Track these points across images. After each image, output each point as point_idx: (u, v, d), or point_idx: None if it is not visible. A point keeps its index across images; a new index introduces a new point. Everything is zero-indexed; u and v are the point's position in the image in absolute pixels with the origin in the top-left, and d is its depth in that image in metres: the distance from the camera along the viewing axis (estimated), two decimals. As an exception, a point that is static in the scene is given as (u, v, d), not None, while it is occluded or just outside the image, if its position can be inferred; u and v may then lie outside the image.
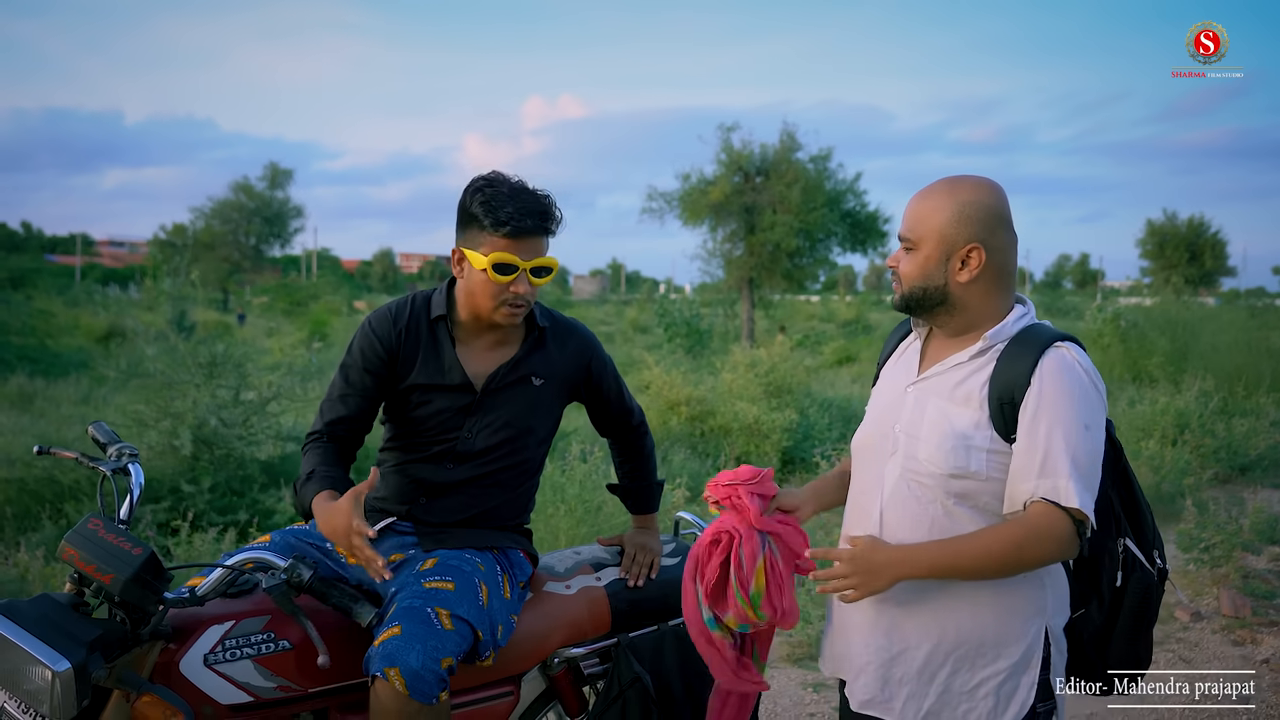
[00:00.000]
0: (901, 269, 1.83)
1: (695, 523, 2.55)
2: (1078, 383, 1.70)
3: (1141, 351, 10.97)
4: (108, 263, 60.18)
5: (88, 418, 8.32)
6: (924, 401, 1.81)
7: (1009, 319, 1.79)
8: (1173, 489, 6.43)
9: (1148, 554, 1.85)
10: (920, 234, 1.79)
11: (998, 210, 1.78)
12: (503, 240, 2.04)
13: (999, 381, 1.73)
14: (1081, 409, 1.68)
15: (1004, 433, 1.71)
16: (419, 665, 1.84)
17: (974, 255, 1.76)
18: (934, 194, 1.81)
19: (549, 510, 4.64)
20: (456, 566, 2.06)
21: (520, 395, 2.19)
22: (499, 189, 2.06)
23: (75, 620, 1.73)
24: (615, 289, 70.53)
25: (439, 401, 2.15)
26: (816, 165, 21.01)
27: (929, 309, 1.82)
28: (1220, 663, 4.07)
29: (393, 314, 2.18)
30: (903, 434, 1.81)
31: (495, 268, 2.04)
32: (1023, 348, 1.74)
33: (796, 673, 3.93)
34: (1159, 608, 1.88)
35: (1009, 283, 1.81)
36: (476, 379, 2.16)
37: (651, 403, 8.26)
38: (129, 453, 2.08)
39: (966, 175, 1.83)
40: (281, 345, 18.07)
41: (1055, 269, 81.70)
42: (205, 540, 4.57)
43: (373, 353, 2.14)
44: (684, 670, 2.25)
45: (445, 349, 2.15)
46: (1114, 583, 1.82)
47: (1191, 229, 36.97)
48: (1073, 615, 1.84)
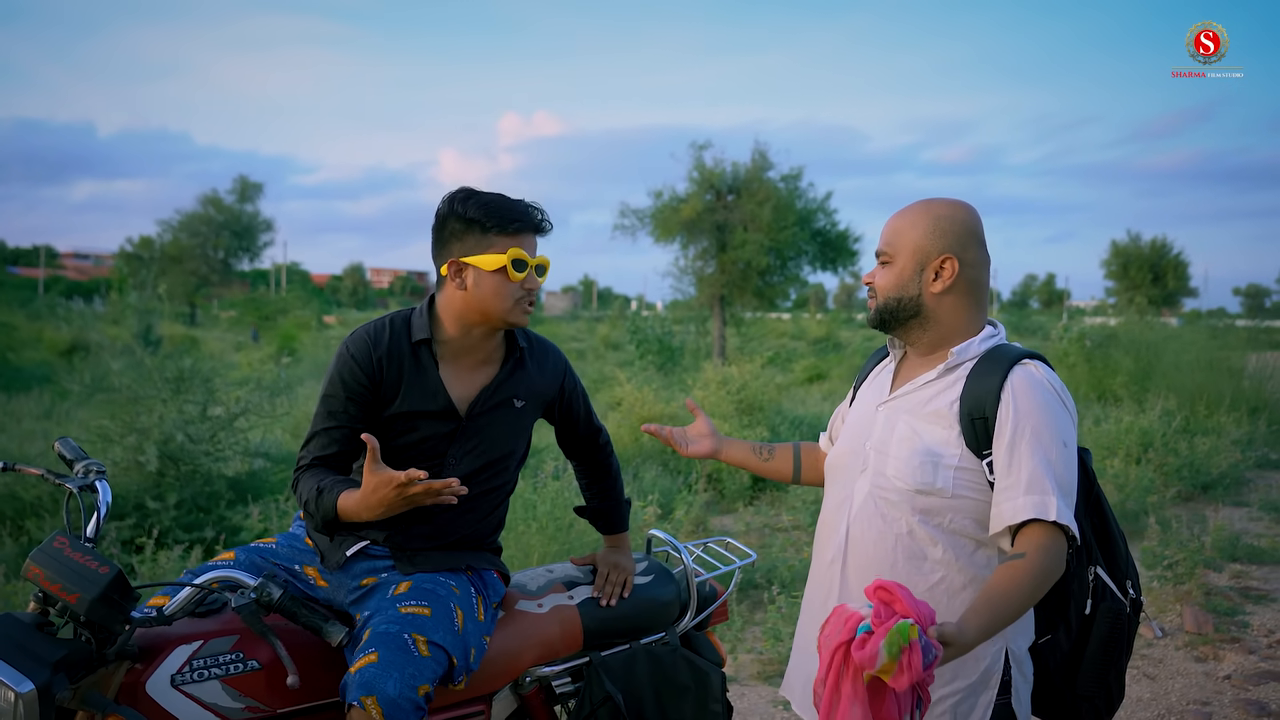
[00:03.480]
0: (877, 282, 1.89)
1: (668, 540, 2.56)
2: (1050, 400, 1.73)
3: (1106, 371, 11.12)
4: (72, 275, 59.36)
5: (50, 433, 8.20)
6: (894, 419, 1.84)
7: (977, 338, 1.83)
8: (1137, 507, 6.51)
9: (1120, 584, 1.87)
10: (897, 246, 1.85)
11: (971, 226, 1.84)
12: (514, 238, 2.05)
13: (969, 398, 1.75)
14: (1057, 426, 1.72)
15: (975, 448, 1.74)
16: (396, 694, 1.82)
17: (947, 265, 1.81)
18: (910, 210, 1.87)
19: (520, 528, 4.62)
20: (432, 591, 2.04)
21: (503, 419, 2.17)
22: (488, 195, 2.08)
23: (39, 640, 1.70)
24: (587, 305, 70.54)
25: (424, 429, 2.10)
26: (788, 184, 21.17)
27: (903, 321, 1.86)
28: (1184, 679, 4.12)
29: (371, 338, 2.09)
30: (873, 451, 1.84)
31: (515, 264, 2.04)
32: (991, 365, 1.77)
33: (766, 690, 3.93)
34: (1132, 640, 1.89)
35: (981, 299, 1.86)
36: (461, 404, 2.12)
37: (623, 420, 8.26)
38: (96, 469, 2.06)
39: (944, 196, 1.90)
40: (250, 360, 17.88)
41: (1022, 288, 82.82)
42: (170, 558, 4.51)
43: (354, 380, 2.07)
44: (656, 688, 2.25)
45: (430, 373, 2.10)
46: (1083, 610, 1.84)
47: (1155, 250, 37.65)
48: (1039, 641, 1.86)
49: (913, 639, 1.51)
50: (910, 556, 1.78)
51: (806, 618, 2.00)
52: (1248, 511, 7.07)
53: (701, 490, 6.83)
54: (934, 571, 1.77)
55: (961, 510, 1.75)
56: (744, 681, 4.01)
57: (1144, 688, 4.04)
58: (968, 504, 1.75)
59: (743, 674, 4.09)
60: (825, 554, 1.92)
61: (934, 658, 1.52)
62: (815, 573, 1.97)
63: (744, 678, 4.06)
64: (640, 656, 2.27)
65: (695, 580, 2.44)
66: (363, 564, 2.14)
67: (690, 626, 2.42)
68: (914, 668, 1.51)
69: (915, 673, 1.51)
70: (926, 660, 1.52)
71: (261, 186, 40.11)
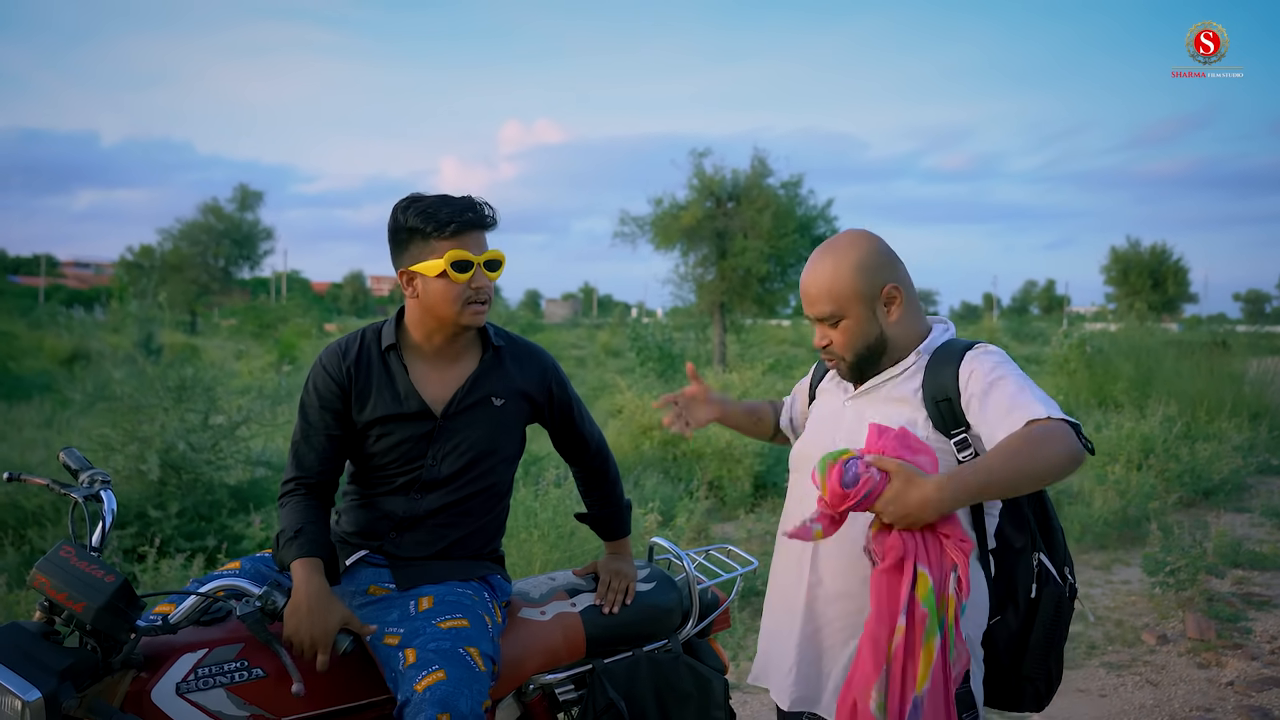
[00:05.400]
0: (836, 343, 1.94)
1: (670, 548, 2.56)
2: (1004, 360, 1.85)
3: (1107, 377, 11.13)
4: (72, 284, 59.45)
5: (51, 441, 8.19)
6: (863, 411, 1.93)
7: (935, 334, 1.95)
8: (1138, 513, 6.52)
9: (1059, 570, 1.96)
10: (841, 303, 1.90)
11: (883, 249, 1.93)
12: (451, 240, 2.04)
13: (930, 384, 1.87)
14: (1018, 373, 1.82)
15: (943, 428, 1.83)
16: (468, 710, 1.84)
17: (895, 294, 1.90)
18: (826, 264, 1.92)
19: (522, 535, 4.62)
20: (457, 601, 2.05)
21: (482, 417, 2.17)
22: (428, 199, 2.07)
23: (45, 649, 1.71)
24: (587, 313, 70.56)
25: (399, 432, 2.12)
26: (788, 191, 21.20)
27: (875, 360, 1.94)
28: (1186, 685, 4.12)
29: (342, 349, 2.16)
30: (844, 441, 1.89)
31: (455, 266, 2.03)
32: (947, 354, 1.89)
33: (769, 697, 3.93)
34: (1069, 624, 1.99)
35: (919, 307, 1.97)
36: (435, 404, 2.13)
37: (624, 427, 8.26)
38: (101, 479, 2.06)
39: (835, 236, 1.96)
40: (250, 368, 17.89)
41: (1022, 295, 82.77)
42: (173, 566, 4.51)
43: (327, 390, 2.12)
44: (658, 695, 2.26)
45: (399, 377, 2.13)
46: (1029, 593, 1.92)
47: (1154, 256, 37.70)
48: (991, 622, 1.93)
49: (841, 459, 1.66)
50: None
51: (776, 598, 2.04)
52: (1249, 517, 7.07)
53: (703, 497, 6.83)
54: None
55: None
56: (746, 688, 4.01)
57: (1147, 694, 4.04)
58: None
59: (745, 680, 4.08)
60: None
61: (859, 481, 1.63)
62: (783, 556, 2.02)
63: (746, 684, 4.05)
64: (643, 664, 2.27)
65: (697, 587, 2.45)
66: (365, 572, 2.15)
67: (693, 634, 2.43)
68: (832, 484, 1.65)
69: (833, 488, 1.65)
70: (846, 481, 1.64)
71: (262, 195, 40.11)
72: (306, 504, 2.08)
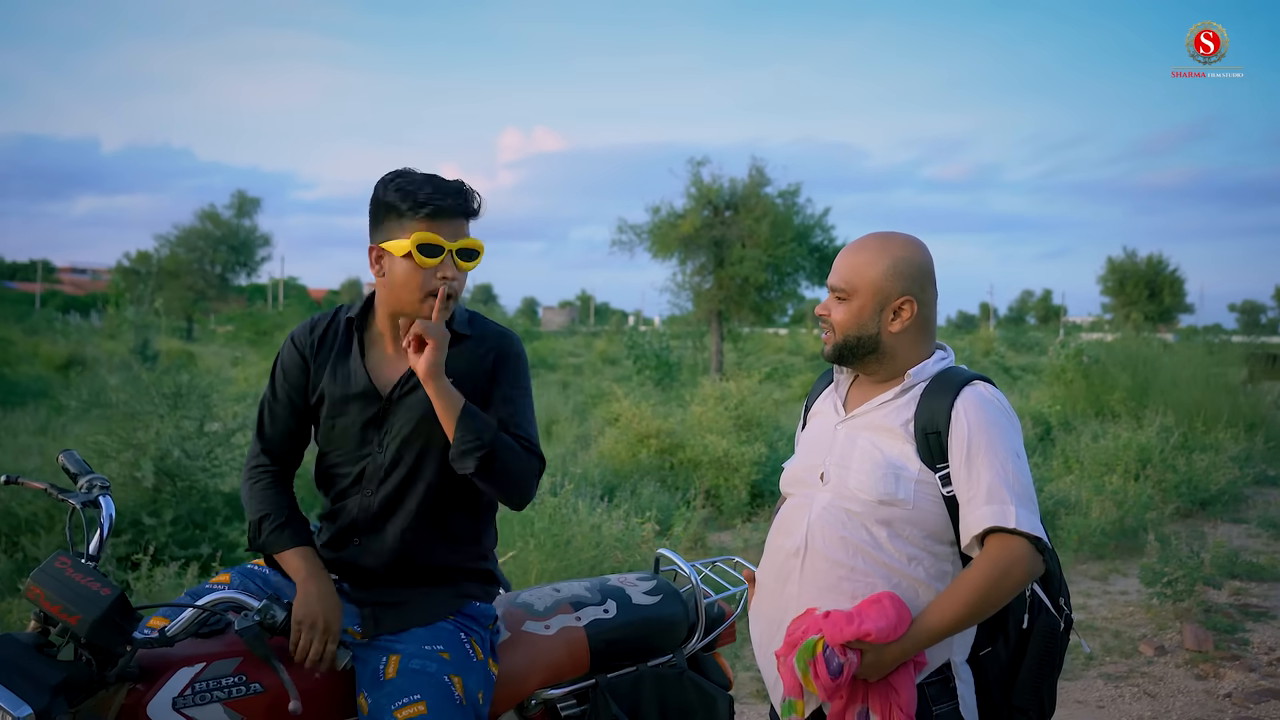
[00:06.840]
0: (834, 317, 1.95)
1: (676, 560, 2.53)
2: (999, 415, 1.84)
3: (1104, 387, 11.12)
4: (69, 290, 59.30)
5: (46, 448, 8.16)
6: (854, 436, 1.92)
7: (929, 361, 1.94)
8: (1135, 523, 6.51)
9: (1054, 600, 1.95)
10: (855, 285, 1.91)
11: (926, 267, 1.93)
12: (424, 222, 1.93)
13: (922, 416, 1.86)
14: (1008, 439, 1.83)
15: (930, 462, 1.84)
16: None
17: (906, 307, 1.90)
18: (868, 248, 1.93)
19: (518, 544, 4.60)
20: (420, 671, 1.91)
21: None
22: (412, 175, 1.98)
23: (39, 662, 1.68)
24: (584, 320, 70.53)
25: (350, 413, 2.03)
26: (785, 200, 21.23)
27: (860, 357, 1.94)
28: (1184, 697, 4.11)
29: (311, 323, 2.14)
30: (834, 466, 1.91)
31: (420, 249, 1.91)
32: (942, 385, 1.88)
33: (766, 708, 3.91)
34: (1064, 655, 1.98)
35: (932, 332, 1.96)
36: (384, 386, 2.03)
37: (621, 435, 8.24)
38: (100, 485, 2.02)
39: (897, 232, 1.96)
40: (247, 375, 17.85)
41: (1019, 304, 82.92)
42: (167, 575, 4.48)
43: (290, 359, 2.11)
44: (662, 711, 2.24)
45: (354, 357, 2.05)
46: (1020, 624, 1.92)
47: (1151, 267, 37.78)
48: (980, 652, 1.93)
49: (817, 653, 1.74)
50: (869, 563, 1.86)
51: (764, 598, 2.03)
52: (1246, 528, 7.07)
53: (700, 506, 6.82)
54: (890, 578, 1.85)
55: (920, 521, 1.85)
56: (743, 699, 3.99)
57: (1145, 706, 4.03)
58: (926, 515, 1.85)
59: (742, 692, 4.07)
60: (786, 544, 1.97)
61: (841, 667, 1.73)
62: (773, 560, 2.01)
63: (743, 696, 4.03)
64: (647, 679, 2.26)
65: (704, 601, 2.42)
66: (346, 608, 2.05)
67: (698, 648, 2.40)
68: (822, 678, 1.73)
69: (825, 682, 1.75)
70: (831, 670, 1.73)
71: (259, 201, 40.13)
72: (278, 489, 2.07)
